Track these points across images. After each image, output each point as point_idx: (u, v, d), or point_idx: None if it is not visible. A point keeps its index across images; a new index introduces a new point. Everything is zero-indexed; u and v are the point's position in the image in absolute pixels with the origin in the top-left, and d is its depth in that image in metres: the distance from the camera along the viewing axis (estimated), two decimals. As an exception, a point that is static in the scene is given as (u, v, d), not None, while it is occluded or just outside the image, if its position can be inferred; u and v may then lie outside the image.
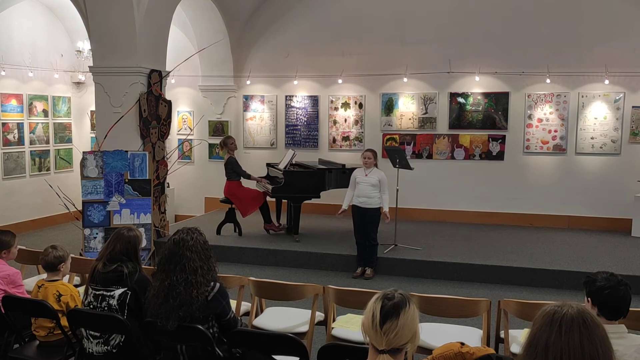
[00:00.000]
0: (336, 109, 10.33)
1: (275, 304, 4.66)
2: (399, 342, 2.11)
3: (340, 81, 10.12)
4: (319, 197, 8.23)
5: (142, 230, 6.47)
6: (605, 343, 1.90)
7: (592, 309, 2.69)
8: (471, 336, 3.94)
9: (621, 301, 2.70)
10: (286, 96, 10.57)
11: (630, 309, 2.79)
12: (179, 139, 10.91)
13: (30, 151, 9.91)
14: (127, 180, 7.23)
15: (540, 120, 9.37)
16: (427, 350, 3.71)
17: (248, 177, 8.51)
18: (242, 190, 8.51)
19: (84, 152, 7.34)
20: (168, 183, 9.06)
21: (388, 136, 10.07)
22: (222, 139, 8.78)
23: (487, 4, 9.38)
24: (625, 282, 2.76)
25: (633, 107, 8.94)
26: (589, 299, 2.75)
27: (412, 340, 2.15)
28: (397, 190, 7.74)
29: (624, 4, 8.84)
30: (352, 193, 7.06)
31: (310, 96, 10.44)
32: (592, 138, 9.16)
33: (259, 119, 10.76)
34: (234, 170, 8.39)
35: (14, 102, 9.56)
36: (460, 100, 9.70)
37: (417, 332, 2.17)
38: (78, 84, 11.00)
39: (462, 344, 2.49)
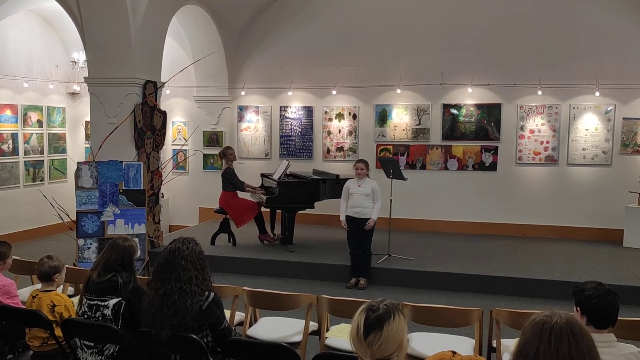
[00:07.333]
0: (330, 119, 10.39)
1: (269, 314, 4.67)
2: (384, 353, 2.12)
3: (334, 92, 10.19)
4: (313, 207, 8.26)
5: (136, 240, 6.48)
6: (592, 353, 1.94)
7: (581, 318, 2.73)
8: (463, 345, 3.96)
9: (609, 310, 2.74)
10: (281, 107, 10.63)
11: (620, 318, 2.83)
12: (173, 150, 10.94)
13: (25, 161, 9.90)
14: (121, 191, 7.24)
15: (532, 131, 9.46)
16: (419, 359, 3.75)
17: (243, 189, 8.54)
18: (236, 201, 8.54)
19: (78, 163, 7.34)
20: (162, 193, 9.07)
21: (382, 147, 10.13)
22: (222, 149, 8.84)
23: (479, 17, 9.49)
24: (613, 292, 2.80)
25: (624, 118, 9.04)
26: (578, 308, 2.80)
27: (398, 350, 2.15)
28: (391, 200, 7.79)
29: (614, 17, 8.95)
30: (345, 204, 7.10)
31: (305, 107, 10.50)
32: (583, 149, 9.25)
33: (253, 129, 10.80)
34: (229, 181, 8.43)
35: (8, 113, 9.57)
36: (453, 111, 9.78)
37: (403, 343, 2.16)
38: (73, 94, 11.02)
39: (454, 352, 2.51)
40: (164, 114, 8.35)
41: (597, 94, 9.02)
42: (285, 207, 8.31)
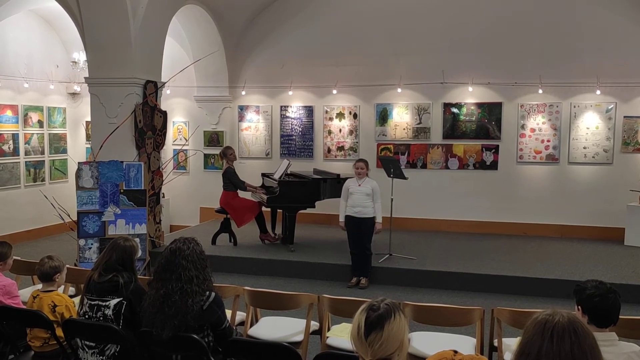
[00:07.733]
0: (331, 119, 10.38)
1: (270, 314, 4.67)
2: (385, 352, 2.12)
3: (334, 91, 10.18)
4: (314, 206, 8.25)
5: (137, 240, 6.48)
6: (595, 351, 1.93)
7: (582, 317, 2.72)
8: (465, 345, 3.96)
9: (611, 308, 2.73)
10: (281, 106, 10.62)
11: (621, 316, 2.82)
12: (174, 149, 10.94)
13: (25, 162, 9.91)
14: (122, 191, 7.24)
15: (533, 130, 9.45)
16: (420, 359, 3.74)
17: (244, 188, 8.54)
18: (237, 201, 8.54)
19: (79, 163, 7.34)
20: (163, 193, 9.07)
21: (382, 146, 10.12)
22: (222, 149, 8.84)
23: (479, 17, 9.48)
24: (614, 290, 2.79)
25: (624, 117, 9.03)
26: (579, 307, 2.79)
27: (398, 349, 2.15)
28: (392, 200, 7.78)
29: (615, 15, 8.94)
30: (345, 203, 7.10)
31: (305, 106, 10.50)
32: (584, 148, 9.24)
33: (254, 129, 10.80)
34: (230, 181, 8.43)
35: (9, 113, 9.57)
36: (454, 110, 9.77)
37: (404, 342, 2.16)
38: (73, 94, 11.02)
39: (455, 352, 2.50)
40: (164, 114, 8.35)
41: (598, 92, 9.01)
42: (286, 207, 8.31)
